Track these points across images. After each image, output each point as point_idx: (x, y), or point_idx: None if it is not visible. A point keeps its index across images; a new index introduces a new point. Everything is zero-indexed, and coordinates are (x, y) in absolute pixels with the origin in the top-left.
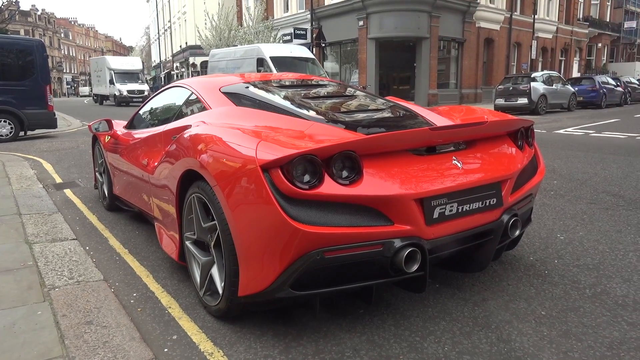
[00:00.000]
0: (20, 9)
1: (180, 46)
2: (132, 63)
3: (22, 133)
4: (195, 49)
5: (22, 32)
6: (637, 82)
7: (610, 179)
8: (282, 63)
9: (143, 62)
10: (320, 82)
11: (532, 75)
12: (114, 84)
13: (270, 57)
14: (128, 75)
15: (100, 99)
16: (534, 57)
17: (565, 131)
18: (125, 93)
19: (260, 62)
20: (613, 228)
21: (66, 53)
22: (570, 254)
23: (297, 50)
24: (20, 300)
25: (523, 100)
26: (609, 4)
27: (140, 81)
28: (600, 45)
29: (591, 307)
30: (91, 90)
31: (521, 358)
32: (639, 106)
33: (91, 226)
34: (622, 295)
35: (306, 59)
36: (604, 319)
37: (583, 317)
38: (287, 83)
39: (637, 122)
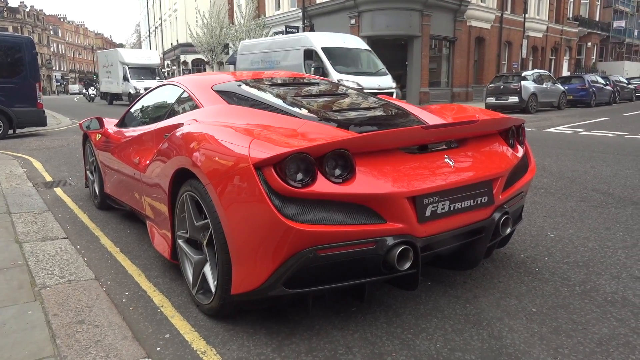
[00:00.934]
0: (9, 5)
1: (171, 44)
2: (149, 57)
3: (11, 131)
4: (186, 47)
5: (10, 29)
6: (626, 81)
7: (600, 177)
8: (335, 55)
9: (160, 57)
10: (313, 81)
11: (523, 74)
12: (128, 80)
13: (322, 48)
14: (144, 71)
15: (110, 97)
16: (524, 55)
17: (556, 129)
18: (142, 91)
19: (309, 55)
20: (602, 225)
21: (55, 50)
22: (560, 252)
23: (351, 40)
24: (10, 300)
25: (514, 99)
26: (599, 3)
27: (158, 77)
28: (589, 44)
29: (581, 303)
30: (82, 88)
31: (512, 354)
32: (627, 105)
33: (82, 225)
34: (611, 292)
35: (362, 50)
36: (593, 316)
37: (573, 313)
38: (279, 81)
39: (626, 120)
